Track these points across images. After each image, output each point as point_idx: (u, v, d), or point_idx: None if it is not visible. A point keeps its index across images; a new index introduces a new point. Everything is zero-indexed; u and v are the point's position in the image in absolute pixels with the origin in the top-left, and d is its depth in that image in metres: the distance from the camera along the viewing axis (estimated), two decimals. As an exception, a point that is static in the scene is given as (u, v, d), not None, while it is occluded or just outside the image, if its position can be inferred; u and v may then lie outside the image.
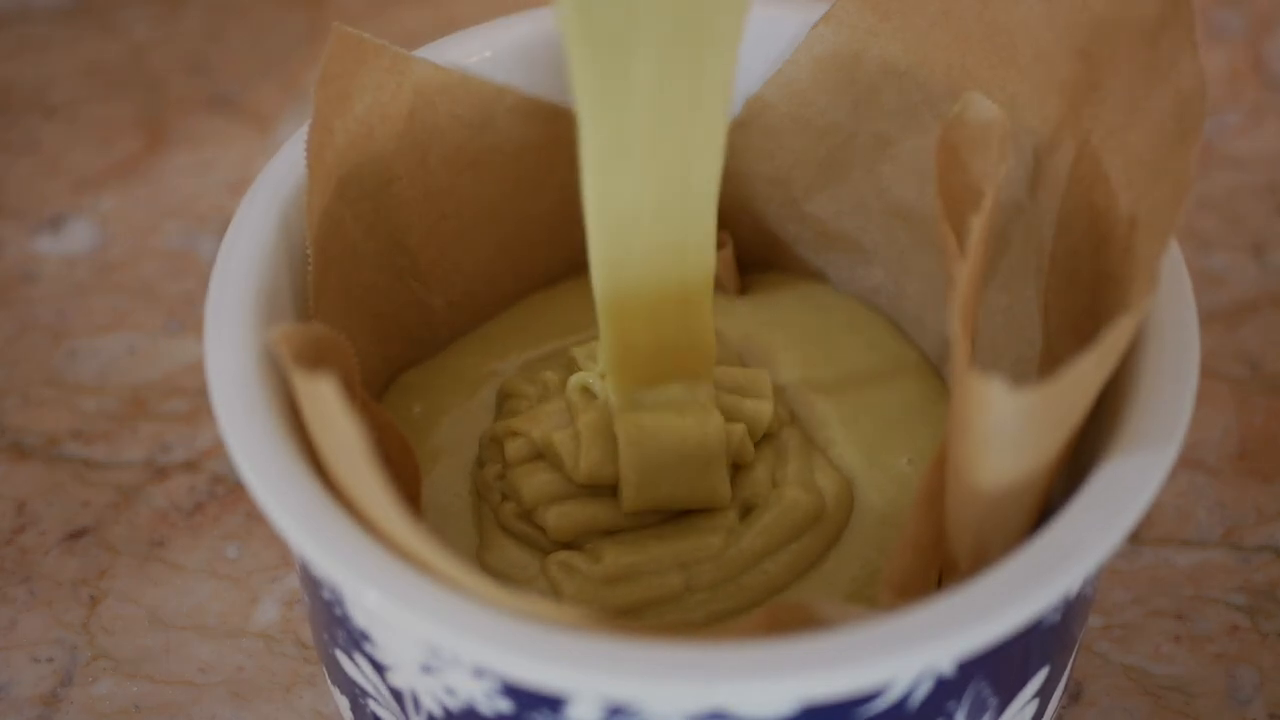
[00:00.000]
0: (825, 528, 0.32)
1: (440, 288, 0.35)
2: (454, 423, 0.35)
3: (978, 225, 0.28)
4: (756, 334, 0.36)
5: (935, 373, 0.35)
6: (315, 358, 0.29)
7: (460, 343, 0.36)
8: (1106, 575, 0.37)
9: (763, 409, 0.33)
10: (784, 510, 0.32)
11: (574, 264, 0.36)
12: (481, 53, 0.34)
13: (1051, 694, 0.31)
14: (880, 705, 0.27)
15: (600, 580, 0.32)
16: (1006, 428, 0.26)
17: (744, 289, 0.37)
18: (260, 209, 0.31)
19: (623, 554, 0.32)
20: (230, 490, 0.40)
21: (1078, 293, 0.31)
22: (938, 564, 0.30)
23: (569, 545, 0.32)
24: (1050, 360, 0.32)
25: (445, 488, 0.34)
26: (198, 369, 0.42)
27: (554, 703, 0.27)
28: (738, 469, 0.33)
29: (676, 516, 0.33)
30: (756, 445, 0.33)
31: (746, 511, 0.33)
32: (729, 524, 0.32)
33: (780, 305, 0.37)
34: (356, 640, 0.29)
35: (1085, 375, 0.26)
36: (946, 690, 0.28)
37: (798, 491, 0.32)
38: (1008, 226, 0.33)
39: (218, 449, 0.40)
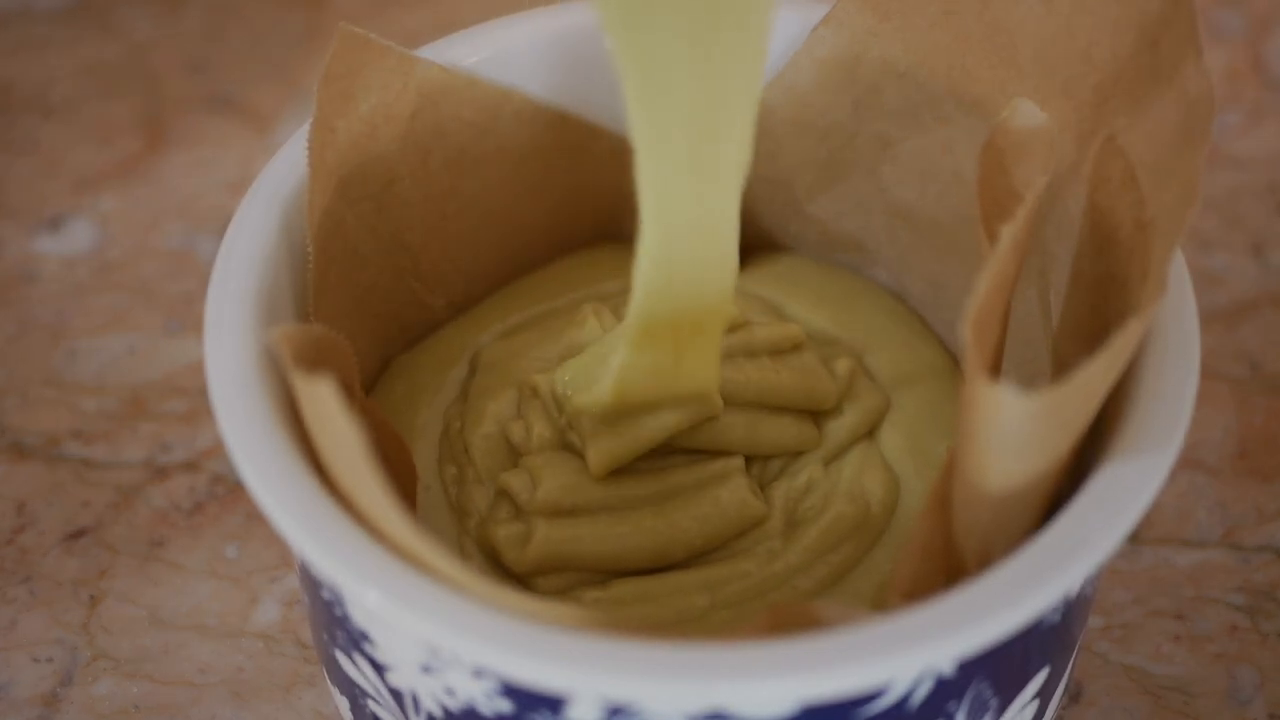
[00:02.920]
0: (862, 537, 0.32)
1: (441, 288, 0.35)
2: (430, 403, 0.34)
3: (1009, 232, 0.27)
4: (777, 297, 0.35)
5: (949, 354, 0.35)
6: (315, 358, 0.29)
7: (449, 324, 0.36)
8: (1106, 575, 0.37)
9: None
10: (827, 526, 0.31)
11: None
12: (481, 53, 0.34)
13: (1052, 694, 0.31)
14: (880, 705, 0.27)
15: (609, 602, 0.31)
16: (1014, 431, 0.26)
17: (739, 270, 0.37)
18: (260, 209, 0.31)
19: (636, 583, 0.31)
20: (230, 490, 0.40)
21: (1082, 295, 0.31)
22: (946, 568, 0.30)
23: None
24: (1056, 362, 0.32)
25: (421, 479, 0.33)
26: (198, 369, 0.42)
27: (554, 703, 0.27)
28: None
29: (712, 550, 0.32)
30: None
31: (793, 527, 0.32)
32: (771, 546, 0.31)
33: (794, 270, 0.36)
34: (356, 640, 0.29)
35: (1093, 379, 0.26)
36: (947, 690, 0.28)
37: (843, 504, 0.32)
38: None
39: (218, 449, 0.40)
